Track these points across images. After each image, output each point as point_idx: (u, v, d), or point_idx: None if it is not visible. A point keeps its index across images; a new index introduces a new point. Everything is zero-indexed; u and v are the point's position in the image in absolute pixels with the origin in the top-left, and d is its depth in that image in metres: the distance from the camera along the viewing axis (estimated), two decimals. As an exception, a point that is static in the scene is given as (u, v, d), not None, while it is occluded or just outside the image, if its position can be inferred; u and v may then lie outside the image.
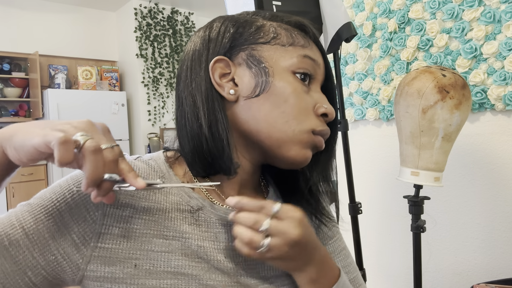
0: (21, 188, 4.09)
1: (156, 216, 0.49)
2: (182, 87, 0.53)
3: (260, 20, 0.54)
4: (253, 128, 0.51)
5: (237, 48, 0.51)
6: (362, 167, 1.74)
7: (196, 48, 0.53)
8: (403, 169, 1.12)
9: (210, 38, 0.52)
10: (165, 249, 0.48)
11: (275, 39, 0.52)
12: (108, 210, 0.47)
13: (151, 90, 4.85)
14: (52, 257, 0.46)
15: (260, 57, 0.51)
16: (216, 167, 0.51)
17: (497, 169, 1.32)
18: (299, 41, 0.52)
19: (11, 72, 4.41)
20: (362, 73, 1.66)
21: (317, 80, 0.54)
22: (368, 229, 1.72)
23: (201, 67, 0.51)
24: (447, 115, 1.02)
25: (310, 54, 0.52)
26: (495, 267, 1.34)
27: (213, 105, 0.50)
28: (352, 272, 0.62)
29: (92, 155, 0.38)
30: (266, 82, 0.50)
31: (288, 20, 0.54)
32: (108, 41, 5.15)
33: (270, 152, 0.52)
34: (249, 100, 0.50)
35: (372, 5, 1.60)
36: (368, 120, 1.70)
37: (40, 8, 4.63)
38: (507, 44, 1.23)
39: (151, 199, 0.50)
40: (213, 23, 0.54)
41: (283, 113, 0.50)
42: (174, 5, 5.01)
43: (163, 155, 0.56)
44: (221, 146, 0.49)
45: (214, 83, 0.51)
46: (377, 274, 1.70)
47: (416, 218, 1.16)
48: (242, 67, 0.51)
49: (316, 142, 0.52)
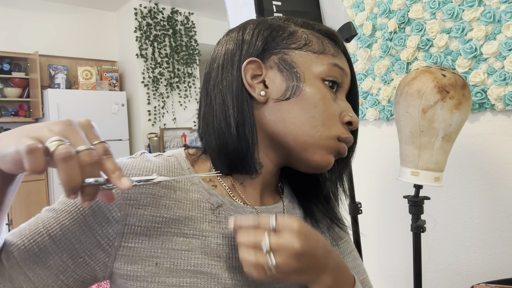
0: (21, 188, 4.09)
1: (177, 215, 0.50)
2: (212, 85, 0.54)
3: (292, 26, 0.55)
4: (281, 130, 0.52)
5: (269, 51, 0.53)
6: (362, 167, 1.74)
7: (228, 48, 0.54)
8: (403, 169, 1.12)
9: (243, 39, 0.54)
10: (185, 247, 0.49)
11: (307, 45, 0.53)
12: (130, 210, 0.48)
13: (151, 90, 4.85)
14: (80, 259, 0.47)
15: (292, 62, 0.52)
16: (239, 166, 0.52)
17: (497, 169, 1.32)
18: (329, 50, 0.54)
19: (11, 72, 4.41)
20: (362, 73, 1.66)
21: (343, 89, 0.56)
22: (368, 229, 1.72)
23: (233, 67, 0.53)
24: (447, 115, 1.02)
25: (339, 63, 0.54)
26: (495, 267, 1.34)
27: (242, 105, 0.51)
28: (362, 273, 0.63)
29: (63, 162, 0.35)
30: (297, 86, 0.51)
31: (319, 29, 0.56)
32: (108, 41, 5.15)
33: (294, 155, 0.53)
34: (278, 103, 0.52)
35: (372, 5, 1.60)
36: (368, 120, 1.70)
37: (40, 8, 4.63)
38: (507, 44, 1.23)
39: (172, 197, 0.51)
40: (247, 25, 0.55)
41: (312, 118, 0.51)
42: (174, 5, 5.01)
43: (184, 152, 0.57)
44: (246, 146, 0.51)
45: (246, 83, 0.52)
46: (377, 274, 1.70)
47: (416, 218, 1.16)
48: (273, 70, 0.53)
49: (340, 148, 0.53)
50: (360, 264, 0.64)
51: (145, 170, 0.50)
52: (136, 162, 0.51)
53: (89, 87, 4.53)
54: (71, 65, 4.81)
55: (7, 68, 4.39)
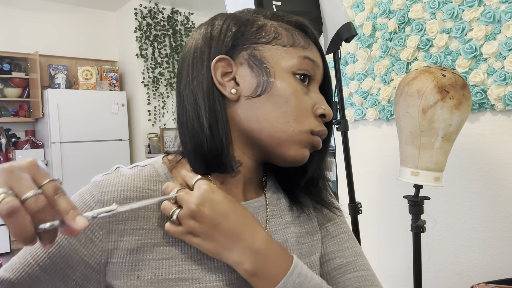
0: (21, 188, 4.09)
1: (156, 224, 0.50)
2: (184, 84, 0.53)
3: (261, 19, 0.54)
4: (254, 127, 0.51)
5: (239, 47, 0.52)
6: (362, 167, 1.74)
7: (197, 46, 0.53)
8: (403, 169, 1.12)
9: (212, 36, 0.53)
10: (165, 256, 0.49)
11: (276, 39, 0.52)
12: (111, 227, 0.49)
13: (151, 90, 4.85)
14: (73, 282, 0.48)
15: (262, 57, 0.51)
16: (215, 166, 0.52)
17: (497, 169, 1.32)
18: (299, 42, 0.53)
19: (11, 72, 4.41)
20: (362, 73, 1.66)
21: (316, 81, 0.55)
22: (368, 229, 1.72)
23: (203, 66, 0.52)
24: (447, 115, 1.02)
25: (310, 55, 0.53)
26: (495, 267, 1.34)
27: (214, 104, 0.51)
28: (347, 257, 0.60)
29: (9, 218, 0.33)
30: (267, 82, 0.51)
31: (289, 20, 0.55)
32: (108, 41, 5.15)
33: (270, 151, 0.53)
34: (250, 100, 0.51)
35: (372, 5, 1.60)
36: (368, 120, 1.70)
37: (40, 8, 4.63)
38: (507, 44, 1.23)
39: (150, 207, 0.51)
40: (215, 21, 0.54)
41: (284, 113, 0.51)
42: (174, 5, 5.01)
43: (161, 160, 0.56)
44: (221, 145, 0.50)
45: (216, 82, 0.51)
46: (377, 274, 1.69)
47: (416, 218, 1.16)
48: (243, 66, 0.52)
49: (314, 142, 0.53)
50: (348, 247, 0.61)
51: (120, 185, 0.50)
52: (110, 178, 0.51)
53: (89, 87, 4.53)
54: (71, 65, 4.81)
55: (7, 68, 4.39)
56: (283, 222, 0.58)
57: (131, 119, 4.99)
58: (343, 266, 0.59)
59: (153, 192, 0.52)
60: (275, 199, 0.60)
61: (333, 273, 0.59)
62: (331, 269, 0.59)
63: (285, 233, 0.57)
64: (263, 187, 0.61)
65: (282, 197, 0.60)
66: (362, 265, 0.60)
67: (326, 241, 0.61)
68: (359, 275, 0.59)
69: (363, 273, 0.59)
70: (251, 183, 0.58)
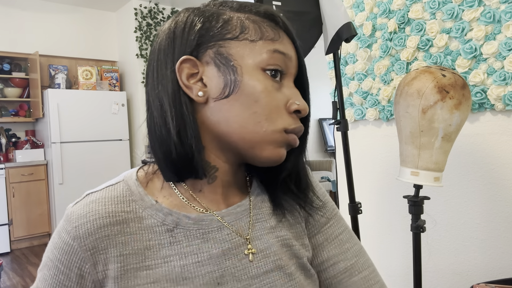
0: (21, 188, 4.09)
1: (135, 248, 0.49)
2: (150, 88, 0.51)
3: (227, 12, 0.51)
4: (225, 130, 0.49)
5: (204, 45, 0.49)
6: (362, 167, 1.74)
7: (161, 47, 0.50)
8: (403, 169, 1.12)
9: (175, 34, 0.50)
10: (150, 279, 0.48)
11: (243, 33, 0.49)
12: (94, 259, 0.48)
13: (151, 90, 4.85)
14: None
15: (228, 55, 0.48)
16: (186, 172, 0.50)
17: (497, 169, 1.32)
18: (268, 35, 0.50)
19: (11, 72, 4.41)
20: (362, 73, 1.66)
21: (289, 74, 0.52)
22: (368, 229, 1.72)
23: (167, 68, 0.49)
24: (447, 115, 1.02)
25: (280, 48, 0.50)
26: (495, 267, 1.34)
27: (181, 109, 0.48)
28: (350, 258, 0.59)
29: None
30: (235, 82, 0.48)
31: (257, 11, 0.51)
32: (108, 41, 5.15)
33: (243, 153, 0.51)
34: (218, 102, 0.48)
35: (372, 5, 1.60)
36: (368, 120, 1.70)
37: (40, 8, 4.63)
38: (507, 44, 1.23)
39: (126, 231, 0.49)
40: (178, 17, 0.51)
41: (254, 114, 0.48)
42: (174, 5, 5.02)
43: (135, 174, 0.54)
44: (190, 150, 0.48)
45: (182, 84, 0.49)
46: (377, 274, 1.69)
47: (416, 218, 1.16)
48: (210, 66, 0.49)
49: (290, 140, 0.51)
50: (349, 248, 0.60)
51: (91, 214, 0.49)
52: (80, 208, 0.49)
53: (89, 87, 4.53)
54: (71, 65, 4.81)
55: (7, 68, 4.39)
56: (267, 226, 0.56)
57: (131, 119, 4.99)
58: (348, 269, 0.59)
59: (127, 214, 0.50)
60: (260, 202, 0.57)
61: (339, 277, 0.59)
62: (337, 273, 0.59)
63: (269, 237, 0.55)
64: (248, 187, 0.59)
65: (266, 200, 0.58)
66: (364, 263, 0.60)
67: (326, 245, 0.60)
68: (364, 275, 0.59)
69: (366, 272, 0.59)
70: (232, 186, 0.56)
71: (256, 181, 0.60)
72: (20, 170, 4.10)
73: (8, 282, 3.12)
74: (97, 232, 0.48)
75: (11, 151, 4.31)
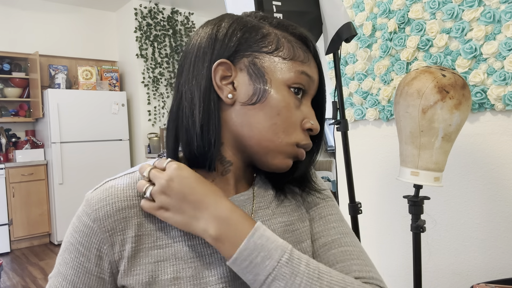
0: (21, 188, 4.09)
1: (148, 229, 0.53)
2: (183, 80, 0.55)
3: (266, 27, 0.56)
4: (245, 133, 0.54)
5: (241, 53, 0.54)
6: (362, 167, 1.74)
7: (201, 45, 0.55)
8: (403, 169, 1.12)
9: (217, 37, 0.54)
10: (160, 258, 0.52)
11: (277, 50, 0.54)
12: (112, 240, 0.51)
13: (151, 90, 4.85)
14: None
15: (262, 67, 0.53)
16: (200, 163, 0.54)
17: (497, 169, 1.32)
18: (299, 56, 0.55)
19: (11, 72, 4.41)
20: (362, 73, 1.66)
21: (309, 94, 0.57)
22: (368, 229, 1.72)
23: (204, 66, 0.53)
24: (447, 115, 1.02)
25: (307, 70, 0.55)
26: (495, 267, 1.34)
27: (209, 105, 0.53)
28: (332, 235, 0.60)
29: None
30: (263, 92, 0.53)
31: (293, 32, 0.56)
32: (108, 41, 5.15)
33: (256, 156, 0.56)
34: (245, 107, 0.53)
35: (372, 5, 1.60)
36: (368, 120, 1.70)
37: (40, 8, 4.63)
38: (507, 44, 1.23)
39: (141, 213, 0.53)
40: (222, 22, 0.56)
41: (275, 125, 0.53)
42: (174, 5, 5.01)
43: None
44: (208, 145, 0.53)
45: (215, 84, 0.53)
46: (377, 274, 1.69)
47: (416, 218, 1.16)
48: (243, 73, 0.54)
49: (298, 154, 0.56)
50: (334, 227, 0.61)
51: (110, 198, 0.52)
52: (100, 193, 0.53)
53: (89, 87, 4.53)
54: (71, 65, 4.81)
55: (7, 68, 4.39)
56: (269, 213, 0.60)
57: (131, 119, 4.99)
58: (327, 243, 0.59)
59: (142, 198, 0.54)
60: (263, 191, 0.62)
61: (318, 251, 0.60)
62: (317, 247, 0.60)
63: (272, 223, 0.59)
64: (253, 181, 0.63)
65: (269, 189, 0.63)
66: (348, 242, 0.59)
67: (313, 223, 0.62)
68: (344, 250, 0.58)
69: (349, 248, 0.58)
70: (241, 180, 0.60)
71: (260, 176, 0.64)
72: (20, 170, 4.10)
73: (8, 282, 3.12)
74: (116, 214, 0.51)
75: (11, 151, 4.31)
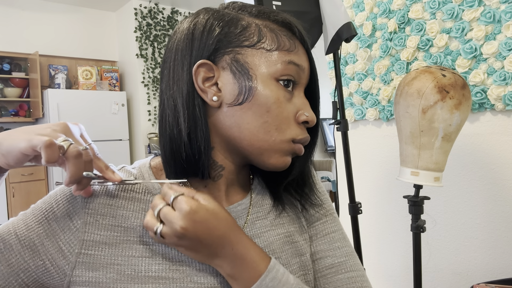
0: (21, 188, 4.09)
1: (135, 224, 0.51)
2: (164, 87, 0.52)
3: (246, 17, 0.52)
4: (236, 135, 0.51)
5: (221, 50, 0.50)
6: (362, 167, 1.74)
7: (179, 47, 0.51)
8: (403, 169, 1.12)
9: (194, 36, 0.51)
10: (146, 254, 0.50)
11: (260, 42, 0.50)
12: (88, 219, 0.50)
13: (151, 90, 4.86)
14: (40, 261, 0.49)
15: (245, 63, 0.50)
16: (192, 172, 0.51)
17: (497, 169, 1.32)
18: (284, 45, 0.51)
19: (11, 72, 4.41)
20: (362, 73, 1.66)
21: (301, 84, 0.53)
22: (368, 229, 1.72)
23: (183, 69, 0.50)
24: (447, 115, 1.02)
25: (295, 59, 0.51)
26: (495, 267, 1.34)
27: (194, 111, 0.50)
28: (338, 256, 0.59)
29: (75, 159, 0.44)
30: (249, 90, 0.49)
31: (275, 19, 0.52)
32: (108, 41, 5.15)
33: (251, 158, 0.53)
34: (232, 108, 0.50)
35: (372, 5, 1.60)
36: (368, 120, 1.70)
37: (40, 8, 4.63)
38: (507, 44, 1.23)
39: (129, 208, 0.52)
40: (198, 18, 0.52)
41: (265, 123, 0.50)
42: (174, 5, 5.02)
43: (148, 163, 0.57)
44: (198, 152, 0.50)
45: (197, 88, 0.50)
46: (377, 274, 1.70)
47: (416, 218, 1.16)
48: (226, 71, 0.50)
49: (296, 149, 0.53)
50: (339, 247, 0.60)
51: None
52: None
53: (89, 87, 4.53)
54: (71, 65, 4.81)
55: (7, 68, 4.39)
56: (267, 224, 0.57)
57: (131, 119, 4.99)
58: (334, 266, 0.58)
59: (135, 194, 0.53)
60: (260, 200, 0.59)
61: (324, 271, 0.58)
62: (322, 267, 0.59)
63: (270, 235, 0.56)
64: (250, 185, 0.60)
65: (267, 197, 0.60)
66: (353, 265, 0.59)
67: (316, 240, 0.60)
68: (350, 276, 0.58)
69: (354, 274, 0.58)
70: (235, 184, 0.58)
71: (258, 178, 0.61)
72: (20, 170, 4.10)
73: (8, 282, 3.12)
74: (103, 197, 0.52)
75: (11, 151, 4.31)
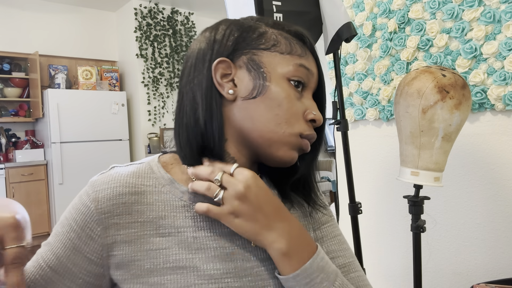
0: (21, 188, 4.09)
1: (150, 217, 0.54)
2: (185, 82, 0.57)
3: (263, 26, 0.57)
4: (248, 126, 0.55)
5: (239, 51, 0.55)
6: (362, 167, 1.74)
7: (201, 48, 0.56)
8: (403, 169, 1.12)
9: (215, 39, 0.56)
10: (162, 246, 0.52)
11: (275, 46, 0.56)
12: (107, 222, 0.52)
13: (151, 90, 4.85)
14: (80, 280, 0.53)
15: (260, 62, 0.55)
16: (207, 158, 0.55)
17: (497, 169, 1.32)
18: (296, 50, 0.56)
19: (11, 72, 4.41)
20: (362, 73, 1.66)
21: (309, 88, 0.58)
22: (368, 229, 1.72)
23: (204, 66, 0.55)
24: (447, 115, 1.02)
25: (305, 63, 0.56)
26: (495, 267, 1.34)
27: (211, 102, 0.54)
28: (348, 257, 0.63)
29: None
30: (263, 85, 0.54)
31: (288, 29, 0.58)
32: (108, 41, 5.15)
33: (260, 150, 0.56)
34: (246, 101, 0.54)
35: (372, 5, 1.60)
36: (368, 120, 1.70)
37: (40, 8, 4.63)
38: (507, 44, 1.23)
39: (143, 201, 0.54)
40: (219, 25, 0.58)
41: (276, 116, 0.54)
42: (174, 5, 5.01)
43: (157, 158, 0.60)
44: (213, 141, 0.54)
45: (215, 82, 0.54)
46: (377, 274, 1.70)
47: (416, 218, 1.16)
48: (242, 69, 0.55)
49: (303, 145, 0.56)
50: (347, 248, 0.65)
51: (112, 182, 0.54)
52: (105, 177, 0.55)
53: (89, 87, 4.53)
54: (71, 65, 4.81)
55: (7, 68, 4.39)
56: None
57: (131, 119, 4.99)
58: (346, 265, 0.62)
59: (146, 187, 0.55)
60: None
61: None
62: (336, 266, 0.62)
63: None
64: None
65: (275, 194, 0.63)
66: (357, 266, 0.64)
67: (326, 241, 0.64)
68: (358, 275, 0.62)
69: (361, 273, 0.63)
70: None
71: (266, 178, 0.64)
72: (20, 170, 4.10)
73: (8, 282, 3.12)
74: (115, 198, 0.53)
75: (11, 151, 4.31)
